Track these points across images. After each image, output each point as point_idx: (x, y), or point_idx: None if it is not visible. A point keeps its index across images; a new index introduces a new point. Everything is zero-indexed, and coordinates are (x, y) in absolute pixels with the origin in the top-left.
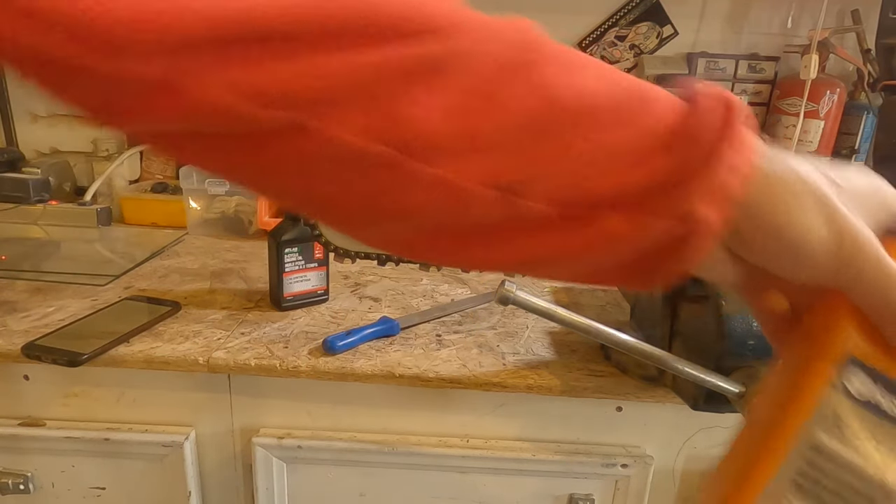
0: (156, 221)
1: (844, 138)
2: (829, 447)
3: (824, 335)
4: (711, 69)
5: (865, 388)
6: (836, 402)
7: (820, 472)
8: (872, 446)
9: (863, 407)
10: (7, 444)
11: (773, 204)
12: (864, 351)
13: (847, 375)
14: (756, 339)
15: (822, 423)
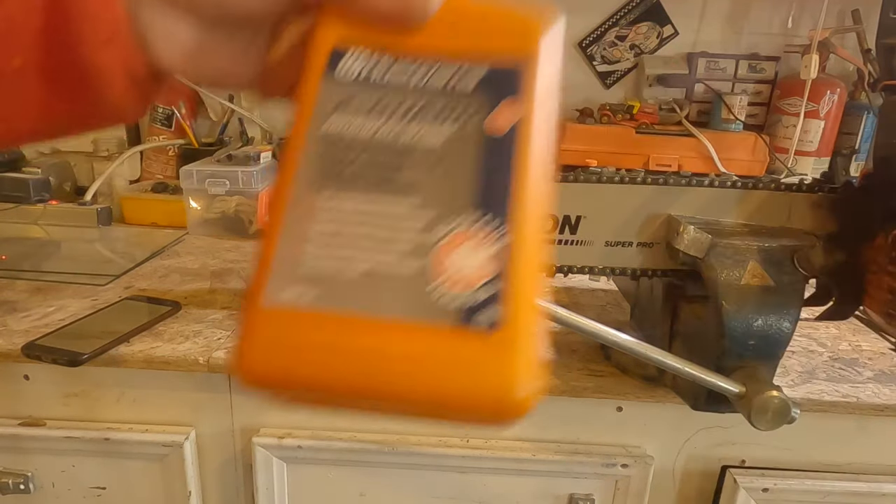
0: (156, 221)
1: (845, 138)
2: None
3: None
4: (712, 69)
5: (361, 68)
6: (333, 90)
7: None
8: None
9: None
10: (7, 444)
11: None
12: (353, 39)
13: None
14: (756, 339)
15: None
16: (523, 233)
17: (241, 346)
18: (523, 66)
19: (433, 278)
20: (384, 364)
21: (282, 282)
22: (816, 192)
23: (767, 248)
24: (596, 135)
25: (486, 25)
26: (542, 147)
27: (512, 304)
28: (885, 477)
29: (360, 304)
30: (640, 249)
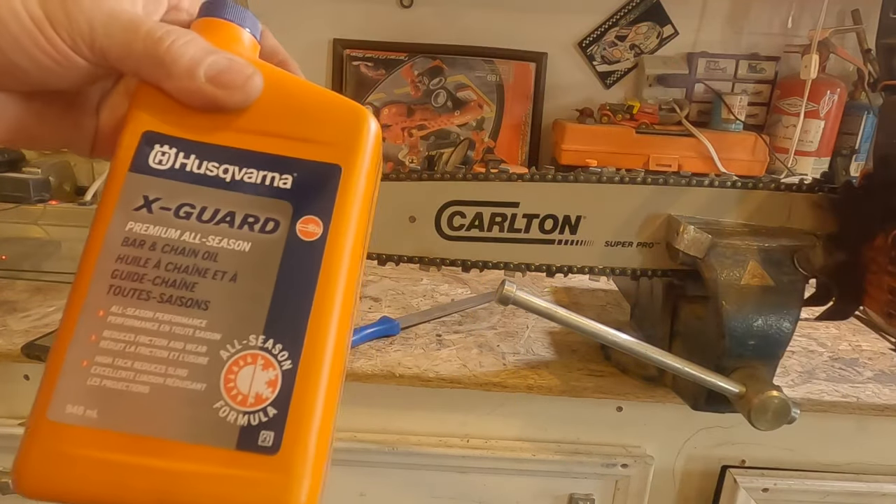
0: None
1: (845, 138)
2: (143, 234)
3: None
4: (712, 69)
5: (171, 160)
6: (141, 184)
7: (138, 265)
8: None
9: (170, 178)
10: (7, 444)
11: None
12: (164, 123)
13: (148, 153)
14: (756, 339)
15: (128, 214)
16: (312, 356)
17: (21, 457)
18: (339, 173)
19: (216, 400)
20: (162, 486)
21: (67, 396)
22: (816, 192)
23: (767, 248)
24: (596, 135)
25: (308, 117)
26: (347, 261)
27: (292, 429)
28: (885, 477)
29: (143, 425)
30: (640, 249)
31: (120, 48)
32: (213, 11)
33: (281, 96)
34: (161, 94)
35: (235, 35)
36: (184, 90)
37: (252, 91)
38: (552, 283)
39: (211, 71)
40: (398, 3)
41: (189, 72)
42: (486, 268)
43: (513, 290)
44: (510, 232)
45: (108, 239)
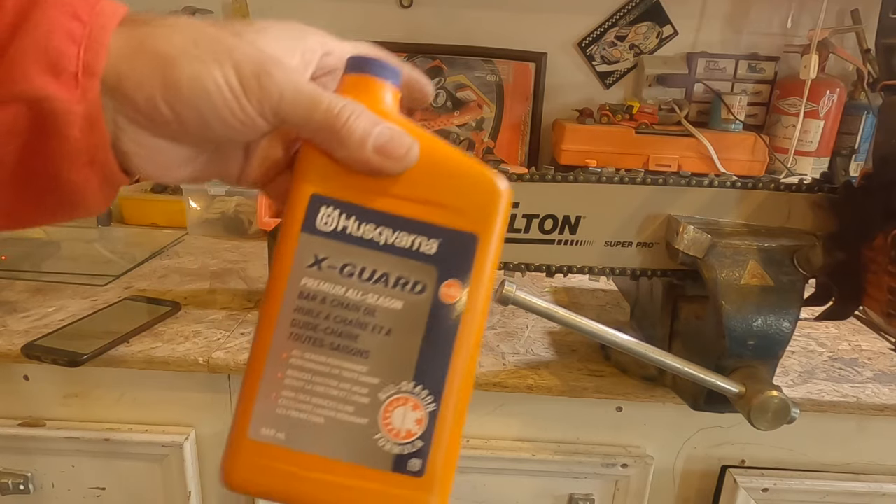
0: (156, 221)
1: (844, 138)
2: (316, 289)
3: (292, 184)
4: (711, 69)
5: (336, 222)
6: (311, 244)
7: (312, 315)
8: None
9: (335, 239)
10: (7, 444)
11: (158, 65)
12: (329, 186)
13: (317, 214)
14: (756, 339)
15: (303, 270)
16: (451, 401)
17: (227, 463)
18: (478, 239)
19: (376, 432)
20: (333, 493)
21: (261, 420)
22: (816, 192)
23: (767, 248)
24: (596, 135)
25: (450, 188)
26: (482, 318)
27: (434, 458)
28: (885, 477)
29: (319, 447)
30: (640, 249)
31: (301, 117)
32: (361, 68)
33: (429, 164)
34: (324, 157)
35: (382, 91)
36: (352, 159)
37: (410, 161)
38: (552, 283)
39: (377, 142)
40: (398, 3)
41: (359, 143)
42: None
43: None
44: (510, 232)
45: (288, 292)
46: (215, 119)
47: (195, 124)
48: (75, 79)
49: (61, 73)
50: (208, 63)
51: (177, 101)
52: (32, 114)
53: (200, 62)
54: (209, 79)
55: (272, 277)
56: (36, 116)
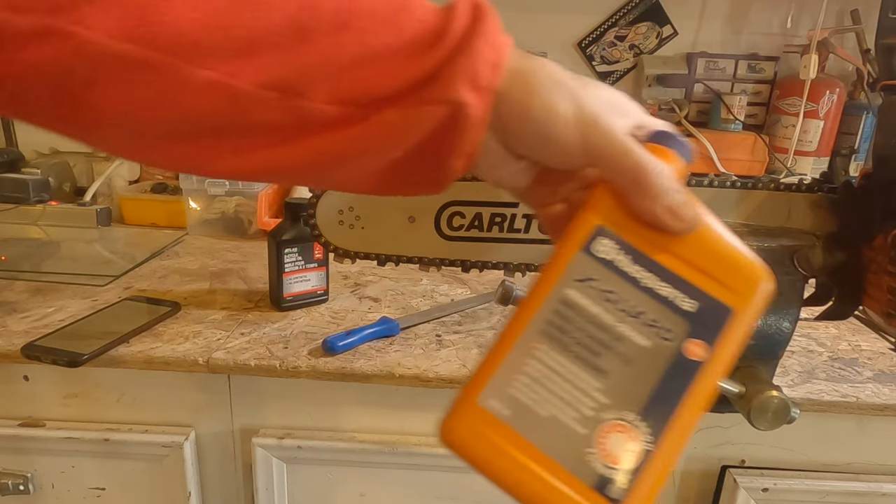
0: (155, 222)
1: (844, 138)
2: (577, 301)
3: (582, 210)
4: (711, 69)
5: (611, 253)
6: (585, 263)
7: (566, 321)
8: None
9: (606, 266)
10: (7, 445)
11: (524, 91)
12: (615, 222)
13: (597, 243)
14: (756, 339)
15: (570, 281)
16: (667, 446)
17: (449, 419)
18: (732, 313)
19: (591, 446)
20: (528, 480)
21: (493, 393)
22: (816, 191)
23: (767, 248)
24: None
25: (719, 262)
26: (713, 385)
27: (635, 492)
28: (885, 477)
29: (535, 436)
30: None
31: (614, 161)
32: (664, 141)
33: (704, 235)
34: (616, 200)
35: (676, 163)
36: (645, 208)
37: (692, 227)
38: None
39: (671, 202)
40: None
41: (655, 199)
42: (485, 268)
43: (513, 291)
44: (510, 232)
45: (552, 295)
46: (547, 142)
47: (530, 142)
48: (485, 93)
49: (478, 89)
50: (557, 98)
51: (526, 121)
52: (452, 114)
53: (552, 95)
54: (555, 110)
55: (541, 279)
56: (454, 116)
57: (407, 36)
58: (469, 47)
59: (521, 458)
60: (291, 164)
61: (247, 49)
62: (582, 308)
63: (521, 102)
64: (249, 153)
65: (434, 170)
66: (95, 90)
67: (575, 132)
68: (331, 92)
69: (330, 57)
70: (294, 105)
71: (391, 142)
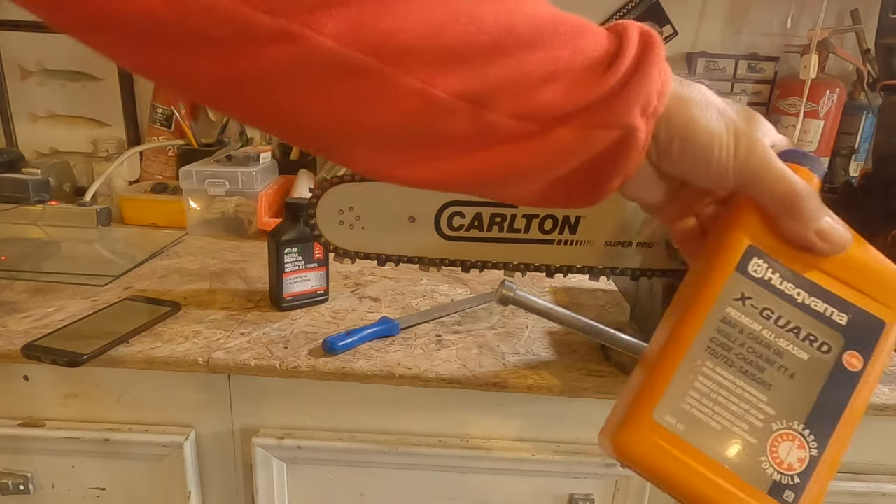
0: (155, 222)
1: (844, 138)
2: (736, 319)
3: (730, 230)
4: (711, 69)
5: (765, 273)
6: (740, 283)
7: (729, 339)
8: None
9: (760, 285)
10: (7, 445)
11: (685, 116)
12: (764, 242)
13: (751, 263)
14: None
15: (728, 300)
16: (831, 452)
17: (623, 432)
18: (886, 326)
19: (763, 454)
20: (706, 487)
21: (667, 408)
22: None
23: None
24: None
25: (867, 277)
26: (870, 393)
27: (805, 496)
28: (885, 477)
29: (712, 447)
30: (640, 249)
31: (767, 186)
32: (801, 160)
33: (853, 254)
34: (763, 220)
35: (813, 182)
36: (796, 232)
37: (841, 250)
38: (552, 283)
39: (822, 227)
40: None
41: (807, 223)
42: (485, 268)
43: (512, 290)
44: (510, 232)
45: (712, 313)
46: (707, 165)
47: (688, 165)
48: (651, 119)
49: (646, 114)
50: (716, 122)
51: (688, 145)
52: (623, 138)
53: (711, 120)
54: (717, 134)
55: (699, 299)
56: (625, 139)
57: (586, 59)
58: (643, 74)
59: (699, 468)
60: (471, 174)
61: (449, 60)
62: (743, 325)
63: (683, 128)
64: (434, 162)
65: (593, 188)
66: (318, 93)
67: (733, 155)
68: (515, 107)
69: (518, 73)
70: (481, 117)
71: (563, 159)
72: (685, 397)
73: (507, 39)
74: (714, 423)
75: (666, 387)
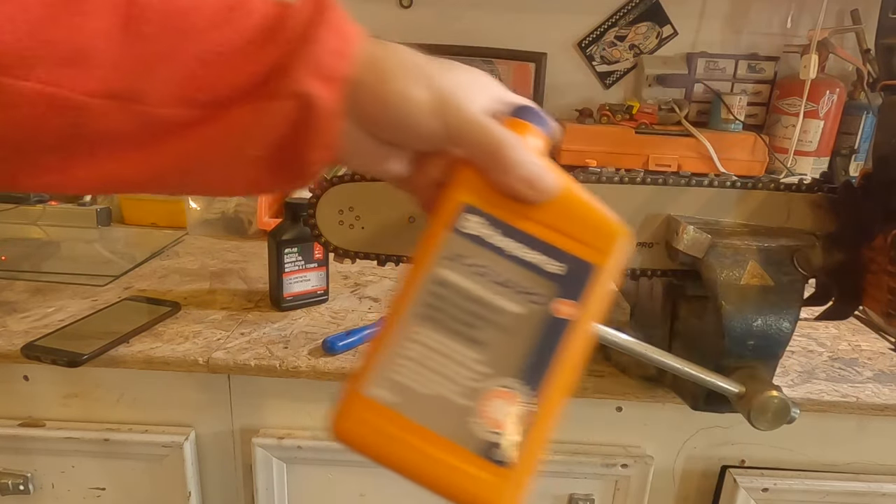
0: (155, 222)
1: (844, 138)
2: (450, 280)
3: (446, 191)
4: (711, 69)
5: (478, 228)
6: (454, 242)
7: (442, 301)
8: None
9: (474, 242)
10: (7, 445)
11: (377, 77)
12: (478, 199)
13: (464, 220)
14: (756, 339)
15: (442, 261)
16: (546, 404)
17: (338, 413)
18: (595, 269)
19: (474, 416)
20: (422, 461)
21: (377, 381)
22: (816, 191)
23: (767, 248)
24: (595, 135)
25: (580, 223)
26: (585, 339)
27: (520, 452)
28: (885, 477)
29: (422, 416)
30: (640, 249)
31: (472, 140)
32: (523, 115)
33: (565, 200)
34: (479, 177)
35: (535, 135)
36: (504, 182)
37: (549, 194)
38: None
39: (527, 174)
40: (398, 3)
41: (512, 172)
42: None
43: None
44: None
45: (426, 278)
46: (406, 126)
47: (390, 127)
48: (335, 84)
49: (326, 79)
50: (411, 82)
51: (385, 108)
52: (301, 106)
53: (406, 79)
54: (408, 93)
55: (413, 263)
56: (304, 108)
57: (246, 32)
58: (311, 38)
59: (412, 441)
60: (147, 171)
61: (72, 58)
62: (456, 286)
63: (374, 89)
64: (101, 164)
65: (296, 164)
66: None
67: (432, 114)
68: (171, 95)
69: (162, 60)
70: (134, 111)
71: (245, 140)
72: (396, 367)
73: (134, 26)
74: (426, 389)
75: (376, 359)
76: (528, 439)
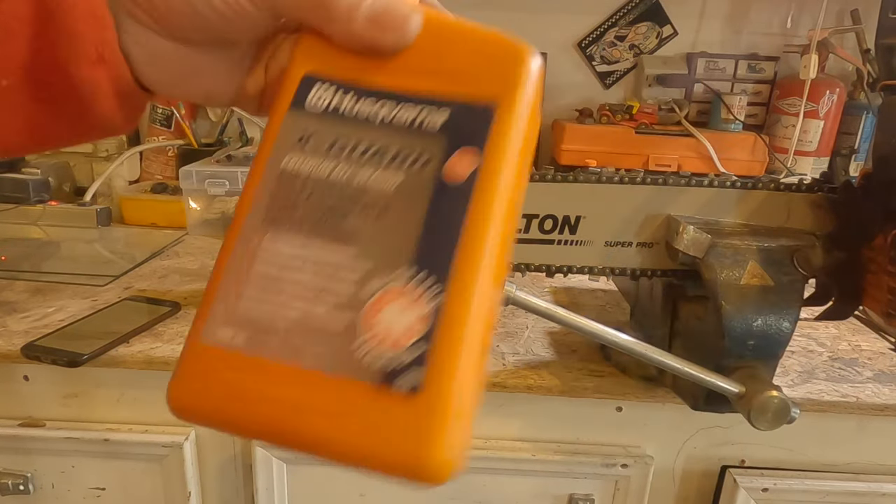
0: (155, 222)
1: (844, 138)
2: (298, 169)
3: (285, 70)
4: (711, 69)
5: (329, 99)
6: (299, 123)
7: (292, 195)
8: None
9: (325, 116)
10: (7, 445)
11: None
12: (322, 66)
13: (304, 94)
14: (756, 339)
15: (286, 150)
16: (462, 294)
17: (174, 378)
18: (495, 109)
19: (360, 334)
20: (300, 415)
21: (219, 321)
22: (816, 192)
23: (767, 248)
24: (595, 135)
25: (465, 55)
26: (502, 199)
27: (436, 369)
28: (885, 477)
29: (286, 353)
30: (640, 249)
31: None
32: None
33: (438, 35)
34: (322, 40)
35: None
36: (343, 32)
37: (410, 31)
38: (552, 283)
39: (370, 12)
40: None
41: (349, 13)
42: None
43: (512, 290)
44: None
45: (266, 174)
46: (203, 4)
47: (187, 14)
48: None
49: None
50: None
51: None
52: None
53: None
54: None
55: (252, 163)
56: (38, 7)
57: None
58: None
59: (278, 390)
60: None
61: None
62: (308, 173)
63: None
64: None
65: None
66: None
67: None
68: None
69: None
70: None
71: None
72: (242, 296)
73: None
74: (287, 313)
75: (215, 292)
76: (444, 347)
